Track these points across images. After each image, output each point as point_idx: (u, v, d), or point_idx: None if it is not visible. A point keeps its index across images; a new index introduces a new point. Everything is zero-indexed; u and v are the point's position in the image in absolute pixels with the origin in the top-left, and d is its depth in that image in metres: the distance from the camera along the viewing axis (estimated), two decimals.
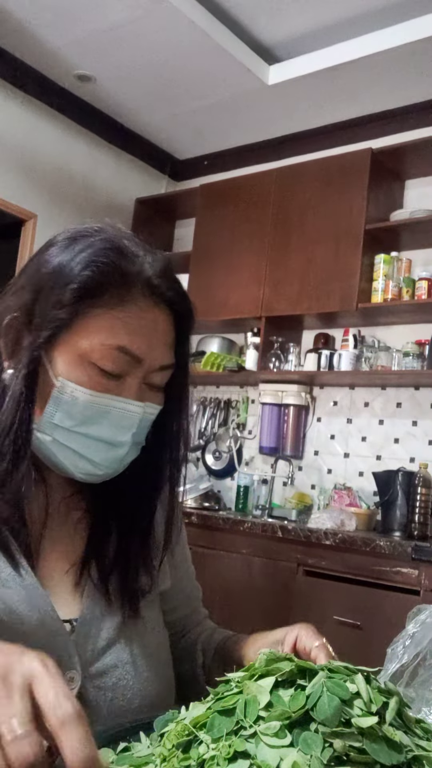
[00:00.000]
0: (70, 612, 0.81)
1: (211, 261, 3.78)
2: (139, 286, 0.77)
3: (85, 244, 0.77)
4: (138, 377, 0.78)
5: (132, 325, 0.76)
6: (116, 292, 0.76)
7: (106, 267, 0.76)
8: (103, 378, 0.76)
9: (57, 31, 3.28)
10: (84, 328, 0.75)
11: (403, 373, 3.23)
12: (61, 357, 0.76)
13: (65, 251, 0.77)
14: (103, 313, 0.75)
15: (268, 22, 3.20)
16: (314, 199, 3.50)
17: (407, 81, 3.33)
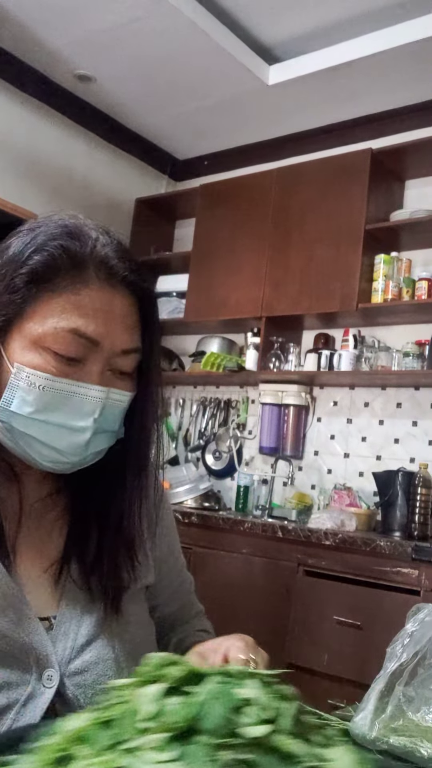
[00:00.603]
0: (48, 610, 0.81)
1: (211, 261, 3.78)
2: (92, 268, 0.76)
3: (39, 231, 0.78)
4: (99, 362, 0.77)
5: (85, 307, 0.75)
6: (68, 275, 0.75)
7: (56, 250, 0.75)
8: (60, 363, 0.75)
9: (57, 31, 3.28)
10: (37, 313, 0.75)
11: (403, 373, 3.23)
12: (16, 343, 0.75)
13: (21, 240, 0.77)
14: (56, 297, 0.75)
15: (268, 22, 3.20)
16: (314, 199, 3.50)
17: (407, 81, 3.33)
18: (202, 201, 3.97)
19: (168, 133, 4.16)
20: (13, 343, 0.75)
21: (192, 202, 4.06)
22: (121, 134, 4.16)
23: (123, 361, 0.79)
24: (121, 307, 0.78)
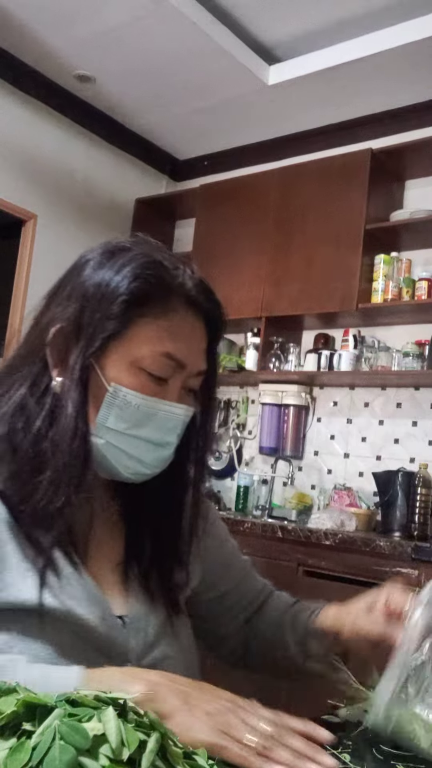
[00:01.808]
0: (118, 609, 0.85)
1: (211, 261, 3.78)
2: (179, 297, 0.83)
3: (126, 258, 0.83)
4: (179, 381, 0.84)
5: (175, 332, 0.82)
6: (159, 302, 0.82)
7: (151, 279, 0.81)
8: (150, 383, 0.82)
9: (57, 31, 3.28)
10: (133, 337, 0.81)
11: (403, 373, 3.23)
12: (113, 364, 0.81)
13: (107, 265, 0.82)
14: (150, 322, 0.81)
15: (268, 22, 3.20)
16: (314, 199, 3.50)
17: (407, 81, 3.33)
18: (202, 201, 3.97)
19: (168, 133, 4.16)
20: (110, 363, 0.81)
21: (192, 202, 4.06)
22: (121, 134, 4.15)
23: (194, 381, 0.87)
24: (200, 332, 0.86)
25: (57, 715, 0.42)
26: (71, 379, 0.80)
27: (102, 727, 0.42)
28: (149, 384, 0.82)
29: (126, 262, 0.82)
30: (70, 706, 0.44)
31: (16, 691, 0.45)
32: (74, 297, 0.82)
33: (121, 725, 0.43)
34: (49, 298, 0.87)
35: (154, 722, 0.45)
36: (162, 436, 0.83)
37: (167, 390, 0.83)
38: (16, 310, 3.72)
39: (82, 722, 0.43)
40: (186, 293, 0.84)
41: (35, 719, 0.43)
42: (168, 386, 0.83)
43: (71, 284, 0.84)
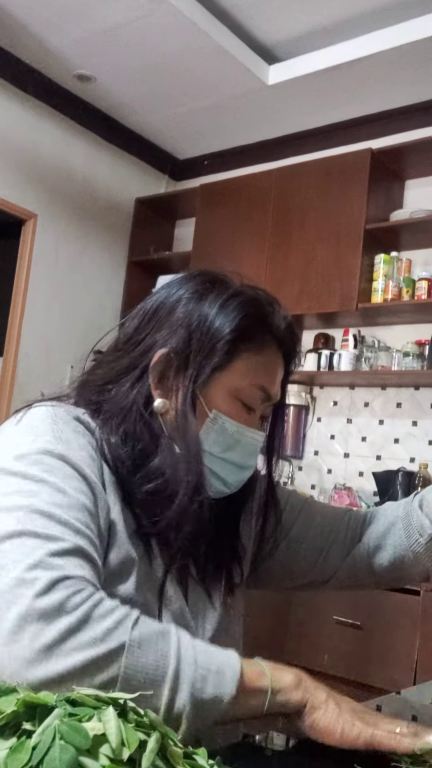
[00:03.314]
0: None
1: (211, 261, 3.78)
2: (272, 334, 0.92)
3: (229, 294, 0.90)
4: (260, 410, 0.93)
5: (269, 367, 0.92)
6: (258, 339, 0.90)
7: (254, 317, 0.90)
8: (242, 411, 0.90)
9: (57, 31, 3.28)
10: (235, 369, 0.89)
11: (403, 373, 3.23)
12: (214, 392, 0.89)
13: (210, 298, 0.90)
14: (250, 357, 0.90)
15: (268, 22, 3.20)
16: (314, 199, 3.50)
17: (407, 81, 3.33)
18: (202, 201, 3.97)
19: (168, 133, 4.16)
20: (212, 391, 0.89)
21: (192, 202, 4.06)
22: (121, 134, 4.16)
23: (268, 409, 0.95)
24: (281, 367, 0.95)
25: (57, 714, 0.42)
26: (182, 403, 0.88)
27: (102, 727, 0.42)
28: (241, 413, 0.90)
29: (229, 297, 0.90)
30: (70, 705, 0.44)
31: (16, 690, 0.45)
32: (180, 325, 0.88)
33: (122, 725, 0.43)
34: (144, 317, 0.92)
35: (155, 722, 0.45)
36: (246, 460, 0.92)
37: (253, 418, 0.92)
38: (16, 310, 3.72)
39: (82, 722, 0.43)
40: (278, 331, 0.92)
41: (35, 719, 0.42)
42: (254, 414, 0.92)
43: (172, 310, 0.90)
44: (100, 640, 0.67)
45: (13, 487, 0.76)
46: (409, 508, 1.04)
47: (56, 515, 0.75)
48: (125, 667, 0.67)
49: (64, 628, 0.66)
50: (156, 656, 0.69)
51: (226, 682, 0.71)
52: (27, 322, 3.73)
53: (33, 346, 3.72)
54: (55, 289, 3.86)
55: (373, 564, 1.05)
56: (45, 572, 0.69)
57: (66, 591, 0.69)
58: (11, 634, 0.66)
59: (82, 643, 0.67)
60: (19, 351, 3.70)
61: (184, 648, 0.71)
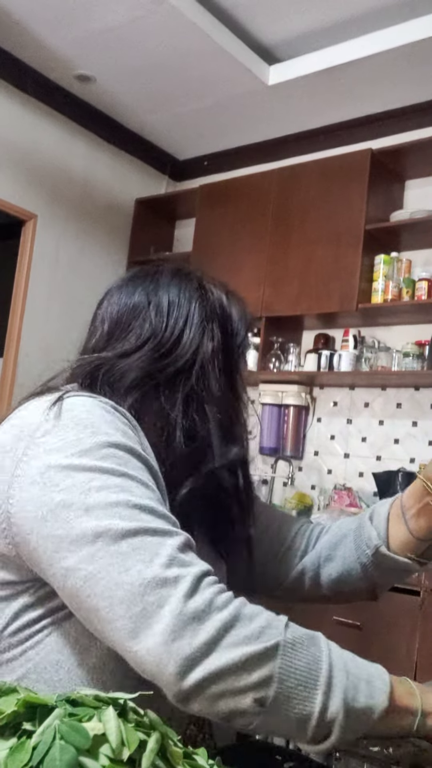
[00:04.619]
0: None
1: (211, 261, 3.77)
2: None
3: (225, 289, 1.04)
4: None
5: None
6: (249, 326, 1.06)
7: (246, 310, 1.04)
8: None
9: (57, 31, 3.28)
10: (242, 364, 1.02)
11: (403, 373, 3.23)
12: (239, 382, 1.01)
13: (218, 296, 1.00)
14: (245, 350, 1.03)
15: (268, 22, 3.20)
16: (314, 200, 3.50)
17: (407, 81, 3.33)
18: (201, 201, 3.97)
19: (168, 133, 4.16)
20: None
21: (192, 202, 4.06)
22: (121, 134, 4.15)
23: None
24: None
25: (57, 714, 0.42)
26: (234, 396, 0.96)
27: (102, 727, 0.42)
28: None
29: (243, 306, 1.03)
30: (70, 705, 0.44)
31: (17, 691, 0.44)
32: (213, 322, 0.96)
33: (121, 725, 0.42)
34: (156, 315, 0.95)
35: (155, 722, 0.45)
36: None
37: None
38: (16, 310, 3.72)
39: (83, 722, 0.43)
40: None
41: (35, 719, 0.42)
42: None
43: (189, 309, 0.96)
44: (255, 638, 0.67)
45: (94, 483, 0.73)
46: (361, 520, 1.04)
47: (156, 509, 0.74)
48: (281, 666, 0.67)
49: (220, 624, 0.67)
50: (309, 660, 0.69)
51: (377, 693, 0.70)
52: (27, 322, 3.73)
53: (33, 346, 3.72)
54: (55, 289, 3.86)
55: (321, 574, 1.05)
56: (183, 569, 0.69)
57: (212, 588, 0.69)
58: (170, 634, 0.66)
59: (239, 638, 0.67)
60: (19, 351, 3.69)
61: (336, 654, 0.71)
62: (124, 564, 0.68)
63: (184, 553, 0.71)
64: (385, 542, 0.99)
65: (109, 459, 0.76)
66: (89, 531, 0.70)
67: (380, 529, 1.00)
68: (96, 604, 0.68)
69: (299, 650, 0.69)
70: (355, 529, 1.04)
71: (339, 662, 0.70)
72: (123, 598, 0.67)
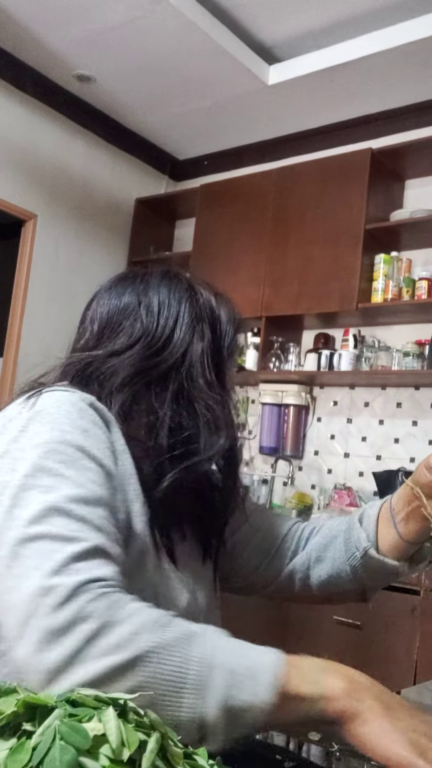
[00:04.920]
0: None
1: (211, 261, 3.78)
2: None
3: (213, 291, 1.04)
4: None
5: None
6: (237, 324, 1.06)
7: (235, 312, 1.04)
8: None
9: (57, 31, 3.28)
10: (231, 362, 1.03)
11: (403, 373, 3.23)
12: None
13: (220, 302, 1.02)
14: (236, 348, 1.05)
15: (268, 22, 3.20)
16: (314, 199, 3.50)
17: (407, 81, 3.33)
18: (201, 201, 3.97)
19: (168, 133, 4.16)
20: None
21: (192, 202, 4.06)
22: (121, 134, 4.16)
23: None
24: None
25: (57, 715, 0.42)
26: (223, 393, 0.98)
27: (102, 727, 0.42)
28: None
29: (231, 306, 1.03)
30: (70, 706, 0.44)
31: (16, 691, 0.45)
32: (203, 322, 0.98)
33: (122, 725, 0.42)
34: (147, 316, 0.97)
35: (155, 722, 0.45)
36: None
37: None
38: (16, 310, 3.72)
39: (83, 722, 0.43)
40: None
41: (35, 719, 0.42)
42: None
43: (179, 309, 0.97)
44: (120, 647, 0.65)
45: (29, 481, 0.75)
46: (351, 522, 1.03)
47: (75, 512, 0.73)
48: (147, 674, 0.65)
49: (83, 636, 0.65)
50: (178, 662, 0.66)
51: (261, 690, 0.66)
52: (27, 322, 3.73)
53: (33, 345, 3.72)
54: (55, 289, 3.86)
55: (311, 575, 1.05)
56: (66, 578, 0.68)
57: (86, 596, 0.67)
58: (37, 645, 0.65)
59: (102, 650, 0.65)
60: (19, 351, 3.70)
61: (217, 651, 0.67)
62: (18, 569, 0.69)
63: (80, 561, 0.70)
64: (374, 545, 0.99)
65: (55, 456, 0.77)
66: (3, 527, 0.73)
67: (370, 531, 1.00)
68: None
69: (169, 654, 0.66)
70: (345, 531, 1.03)
71: (218, 660, 0.67)
72: (10, 604, 0.68)
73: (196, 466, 0.90)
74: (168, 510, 0.88)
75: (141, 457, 0.88)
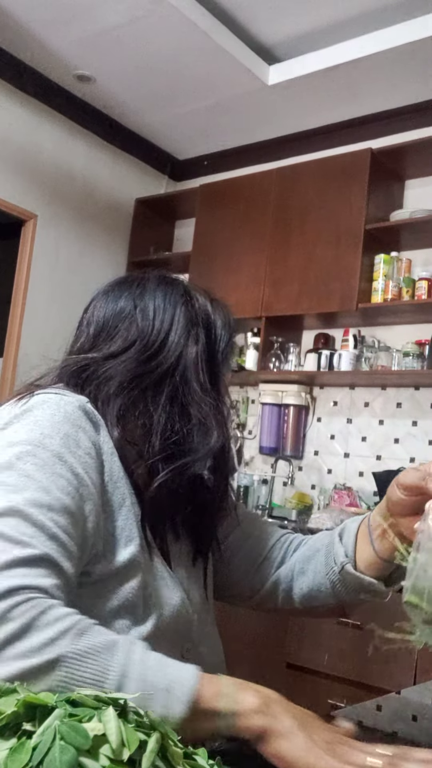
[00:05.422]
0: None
1: (211, 261, 3.78)
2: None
3: (209, 297, 1.05)
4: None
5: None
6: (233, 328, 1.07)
7: (230, 317, 1.06)
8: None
9: (57, 31, 3.28)
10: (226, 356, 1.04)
11: (403, 373, 3.23)
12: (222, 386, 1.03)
13: (213, 306, 1.03)
14: (231, 354, 1.05)
15: (268, 22, 3.20)
16: (314, 199, 3.50)
17: (407, 81, 3.33)
18: (201, 201, 3.97)
19: (168, 133, 4.16)
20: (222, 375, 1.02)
21: (192, 202, 4.06)
22: (121, 134, 4.16)
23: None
24: None
25: (57, 715, 0.42)
26: (217, 397, 0.98)
27: (102, 727, 0.42)
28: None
29: (211, 300, 1.03)
30: (70, 706, 0.44)
31: (17, 691, 0.45)
32: (198, 327, 0.99)
33: (122, 725, 0.42)
34: (142, 320, 0.97)
35: (155, 722, 0.45)
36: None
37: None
38: (16, 310, 3.72)
39: (83, 722, 0.43)
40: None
41: (35, 719, 0.42)
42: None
43: (174, 314, 0.98)
44: (37, 651, 0.65)
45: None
46: (333, 536, 1.03)
47: (32, 517, 0.74)
48: (62, 679, 0.65)
49: (4, 636, 0.66)
50: (96, 670, 0.66)
51: (174, 702, 0.66)
52: (27, 322, 3.73)
53: (33, 346, 3.72)
54: (55, 289, 3.86)
55: (293, 587, 1.05)
56: (3, 581, 0.68)
57: (15, 598, 0.67)
58: None
59: (19, 652, 0.65)
60: (19, 351, 3.70)
61: (131, 662, 0.68)
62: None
63: (21, 566, 0.70)
64: (352, 560, 0.98)
65: (28, 457, 0.78)
66: None
67: (348, 547, 0.99)
68: None
69: (86, 661, 0.66)
70: (327, 545, 1.03)
71: (134, 670, 0.67)
72: None
73: (187, 467, 0.90)
74: (158, 510, 0.89)
75: (133, 458, 0.89)
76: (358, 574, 0.97)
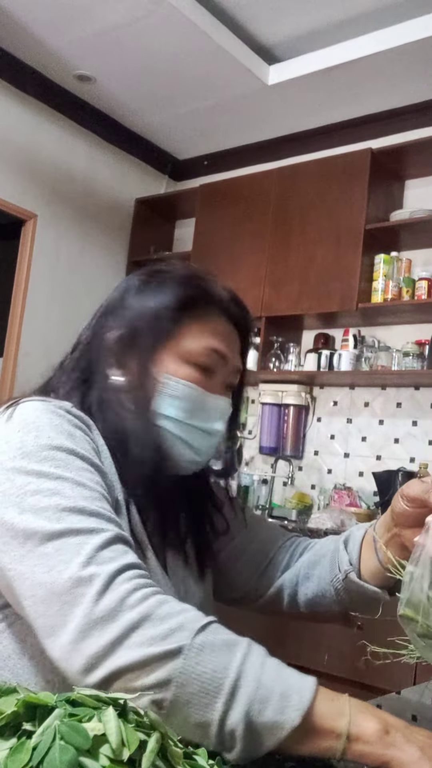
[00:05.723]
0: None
1: (211, 261, 3.78)
2: (216, 303, 0.96)
3: (169, 275, 0.97)
4: (222, 377, 0.95)
5: (219, 332, 0.94)
6: (201, 306, 0.94)
7: (193, 286, 0.95)
8: (199, 374, 0.92)
9: (57, 31, 3.28)
10: (182, 336, 0.92)
11: (403, 373, 3.23)
12: (166, 359, 0.92)
13: (153, 283, 0.96)
14: (195, 322, 0.93)
15: (268, 22, 3.20)
16: (314, 199, 3.50)
17: (407, 81, 3.33)
18: (201, 201, 3.97)
19: (168, 133, 4.16)
20: (162, 359, 0.92)
21: (192, 202, 4.06)
22: (121, 134, 4.16)
23: (233, 378, 0.98)
24: (234, 335, 0.98)
25: (57, 715, 0.42)
26: (134, 377, 0.91)
27: (102, 727, 0.42)
28: (198, 376, 0.92)
29: (169, 277, 0.96)
30: (70, 706, 0.44)
31: (17, 691, 0.45)
32: (128, 310, 0.94)
33: (122, 725, 0.42)
34: (101, 316, 0.97)
35: (155, 722, 0.45)
36: (211, 424, 0.93)
37: (213, 383, 0.94)
38: (16, 310, 3.72)
39: (83, 722, 0.43)
40: (220, 300, 0.96)
41: (35, 719, 0.42)
42: (213, 380, 0.94)
43: (121, 301, 0.96)
44: (161, 639, 0.67)
45: (30, 487, 0.76)
46: (338, 542, 1.03)
47: (85, 509, 0.76)
48: (181, 670, 0.66)
49: (128, 624, 0.67)
50: (215, 666, 0.66)
51: (289, 710, 0.65)
52: (27, 322, 3.73)
53: (33, 346, 3.72)
54: (55, 289, 3.86)
55: (298, 592, 1.05)
56: (100, 567, 0.71)
57: (126, 585, 0.70)
58: (80, 633, 0.68)
59: (143, 639, 0.67)
60: (19, 351, 3.70)
61: (250, 664, 0.67)
62: (47, 564, 0.72)
63: (107, 549, 0.73)
64: (356, 569, 0.97)
65: (48, 462, 0.79)
66: (20, 533, 0.74)
67: (353, 554, 0.99)
68: (23, 603, 0.73)
69: (207, 655, 0.67)
70: (332, 551, 1.02)
71: (252, 672, 0.66)
72: (43, 597, 0.71)
73: (143, 462, 0.90)
74: (149, 509, 0.91)
75: (119, 458, 0.90)
76: (362, 583, 0.96)
